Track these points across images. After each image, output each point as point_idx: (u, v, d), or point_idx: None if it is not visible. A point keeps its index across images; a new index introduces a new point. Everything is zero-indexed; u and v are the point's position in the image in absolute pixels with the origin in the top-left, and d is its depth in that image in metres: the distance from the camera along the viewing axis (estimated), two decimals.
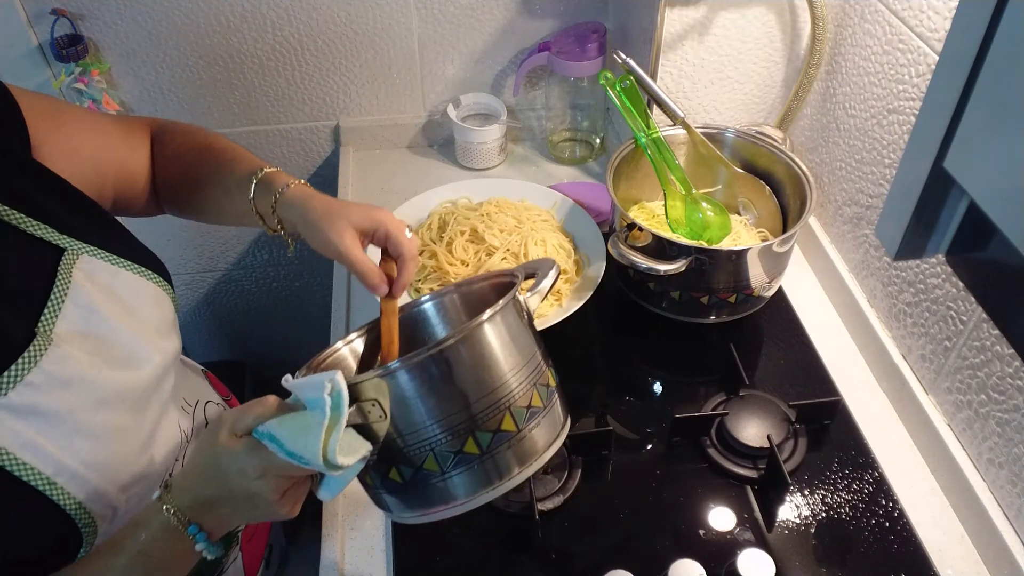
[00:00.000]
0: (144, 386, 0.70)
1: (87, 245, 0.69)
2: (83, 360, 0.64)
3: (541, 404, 0.65)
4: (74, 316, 0.65)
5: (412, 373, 0.60)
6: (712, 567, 0.77)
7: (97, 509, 0.64)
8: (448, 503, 0.63)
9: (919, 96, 0.88)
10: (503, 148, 1.36)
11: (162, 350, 0.72)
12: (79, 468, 0.62)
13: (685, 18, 1.05)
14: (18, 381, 0.60)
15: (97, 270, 0.69)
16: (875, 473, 0.89)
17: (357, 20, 1.28)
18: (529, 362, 0.66)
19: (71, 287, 0.66)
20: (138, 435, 0.69)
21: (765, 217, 1.07)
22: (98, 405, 0.65)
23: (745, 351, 1.00)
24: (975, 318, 0.82)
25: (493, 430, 0.62)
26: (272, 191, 0.76)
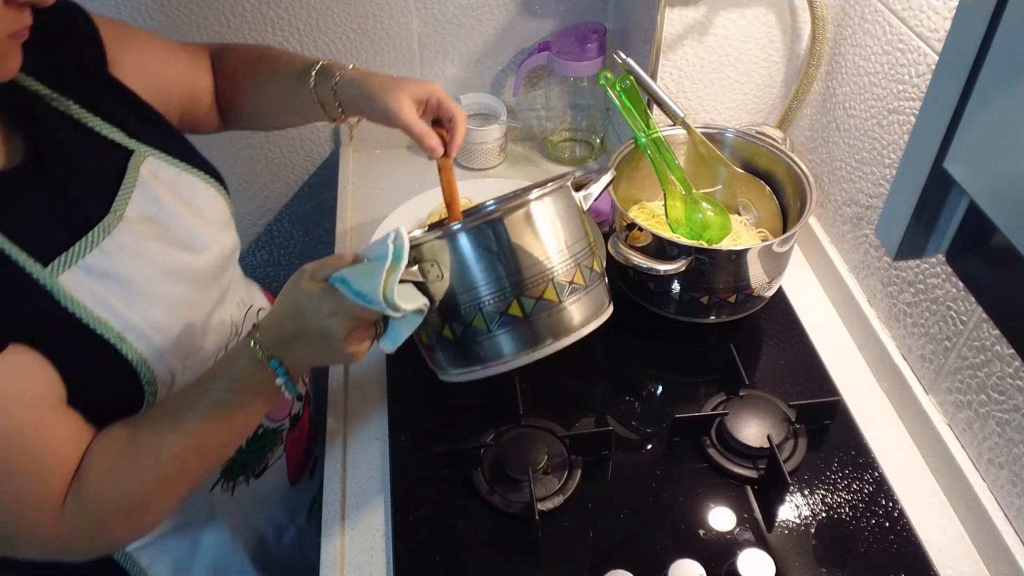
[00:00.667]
0: (205, 268, 0.79)
1: (152, 149, 0.79)
2: (154, 235, 0.75)
3: (583, 283, 0.74)
4: (141, 203, 0.75)
5: (468, 236, 0.70)
6: (712, 567, 0.77)
7: (158, 370, 0.72)
8: (490, 361, 0.73)
9: (919, 96, 0.88)
10: (503, 148, 1.36)
11: (220, 242, 0.82)
12: (145, 328, 0.71)
13: (685, 18, 1.05)
14: (94, 247, 0.69)
15: (161, 170, 0.79)
16: (875, 473, 0.89)
17: (357, 20, 1.28)
18: (575, 243, 0.74)
19: (139, 181, 0.76)
20: (200, 310, 0.79)
21: (765, 217, 1.07)
22: (164, 276, 0.74)
23: (745, 351, 1.00)
24: (975, 318, 0.82)
25: (536, 297, 0.71)
26: (331, 76, 0.85)
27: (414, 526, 0.85)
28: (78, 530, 0.67)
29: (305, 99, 0.87)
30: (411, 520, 0.85)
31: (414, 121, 0.82)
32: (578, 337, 0.73)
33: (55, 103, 0.73)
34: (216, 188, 0.84)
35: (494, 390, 0.98)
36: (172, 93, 0.88)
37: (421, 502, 0.87)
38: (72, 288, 0.66)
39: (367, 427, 0.96)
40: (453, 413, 0.96)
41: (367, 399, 0.99)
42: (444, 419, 0.95)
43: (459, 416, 0.96)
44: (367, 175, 1.37)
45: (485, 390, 0.99)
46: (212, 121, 0.96)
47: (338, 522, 0.86)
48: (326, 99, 0.86)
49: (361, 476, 0.91)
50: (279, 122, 1.00)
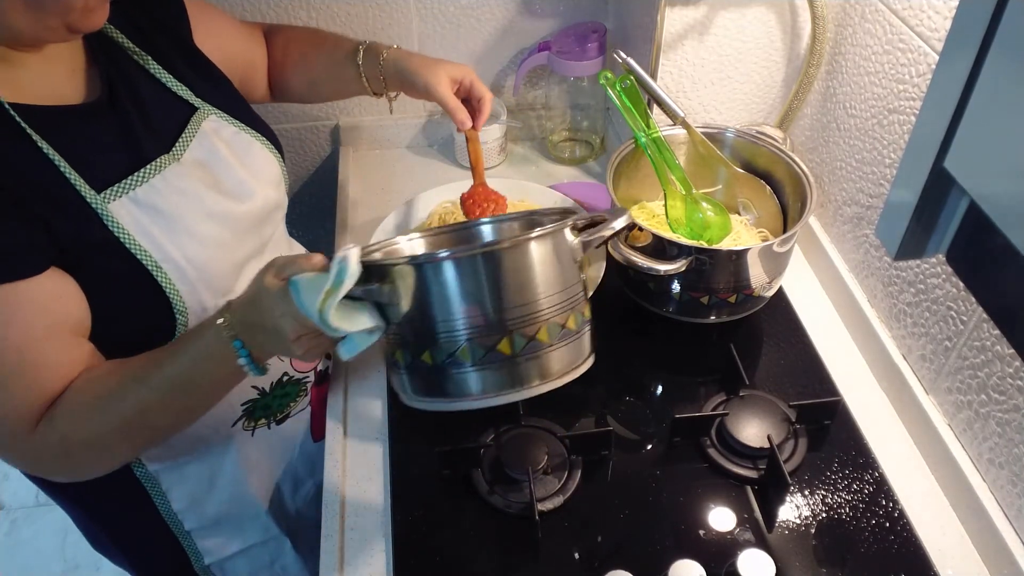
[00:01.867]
0: (245, 215, 0.86)
1: (216, 109, 0.88)
2: (202, 180, 0.82)
3: (575, 328, 0.71)
4: (199, 151, 0.84)
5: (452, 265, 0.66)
6: (712, 567, 0.77)
7: (190, 302, 0.79)
8: (465, 396, 0.69)
9: (919, 96, 0.88)
10: (503, 148, 1.36)
11: (267, 196, 0.89)
12: (182, 262, 0.77)
13: (685, 18, 1.05)
14: (144, 182, 0.77)
15: (222, 127, 0.88)
16: (875, 473, 0.89)
17: (357, 20, 1.28)
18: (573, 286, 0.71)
19: (199, 132, 0.85)
20: (235, 252, 0.85)
21: (765, 217, 1.07)
22: (206, 217, 0.81)
23: (745, 351, 1.00)
24: (975, 318, 0.82)
25: (529, 336, 0.67)
26: (378, 54, 0.98)
27: (414, 526, 0.85)
28: (45, 451, 0.74)
29: (352, 73, 1.00)
30: (411, 520, 0.85)
31: (449, 96, 0.95)
32: (559, 384, 0.70)
33: (136, 56, 0.83)
34: (270, 149, 0.92)
35: None
36: (236, 62, 0.98)
37: (421, 502, 0.87)
38: (120, 216, 0.74)
39: (367, 427, 0.96)
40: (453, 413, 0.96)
41: (367, 399, 0.99)
42: (444, 419, 0.95)
43: (459, 416, 0.95)
44: (367, 175, 1.37)
45: None
46: (262, 90, 1.07)
47: (338, 522, 0.86)
48: (372, 74, 0.99)
49: (361, 476, 0.91)
50: (324, 93, 1.11)
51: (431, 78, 0.94)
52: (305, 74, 1.05)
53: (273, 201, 0.91)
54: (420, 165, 1.39)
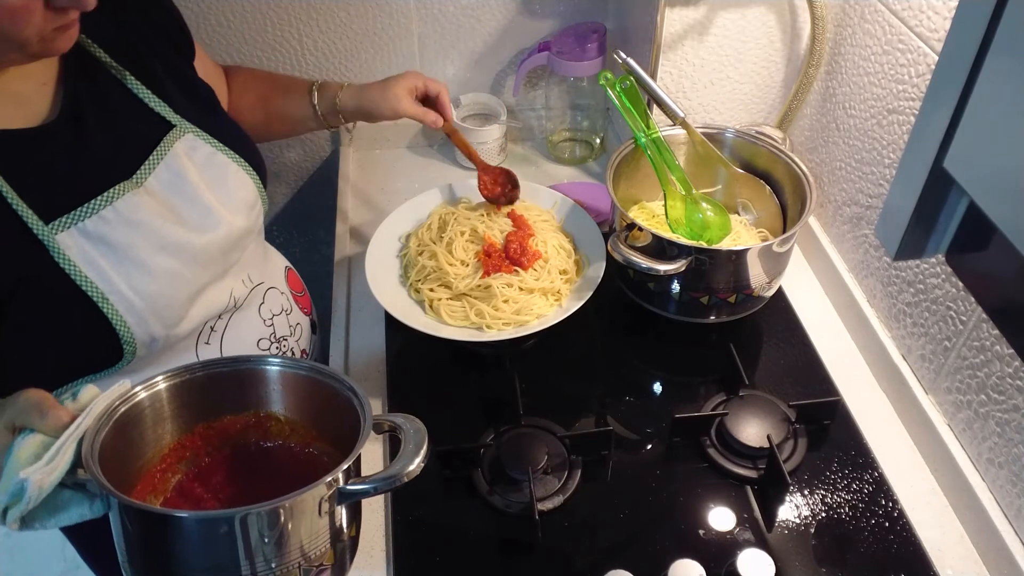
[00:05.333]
0: (203, 247, 0.83)
1: (195, 127, 0.86)
2: (157, 211, 0.79)
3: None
4: (164, 176, 0.81)
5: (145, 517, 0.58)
6: (712, 567, 0.77)
7: (138, 333, 0.77)
8: None
9: (919, 96, 0.88)
10: (503, 148, 1.36)
11: (232, 225, 0.86)
12: (130, 294, 0.76)
13: (685, 18, 1.05)
14: (94, 213, 0.75)
15: (197, 148, 0.85)
16: (875, 473, 0.89)
17: (357, 20, 1.28)
18: (309, 543, 0.60)
19: (169, 154, 0.82)
20: (189, 284, 0.82)
21: (765, 217, 1.07)
22: (159, 249, 0.79)
23: (745, 351, 1.00)
24: (975, 318, 0.82)
25: None
26: (333, 94, 1.03)
27: (414, 526, 0.85)
28: None
29: (308, 112, 1.04)
30: (411, 520, 0.85)
31: (414, 109, 1.01)
32: None
33: (114, 71, 0.81)
34: (248, 172, 0.90)
35: (494, 390, 0.99)
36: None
37: (421, 502, 0.87)
38: (67, 247, 0.73)
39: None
40: (453, 413, 0.96)
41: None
42: (444, 419, 0.95)
43: (459, 416, 0.96)
44: (367, 175, 1.37)
45: (485, 390, 0.99)
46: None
47: None
48: (328, 111, 1.04)
49: None
50: (280, 131, 1.14)
51: (393, 103, 1.00)
52: (262, 114, 1.07)
53: (241, 229, 0.88)
54: (420, 165, 1.39)
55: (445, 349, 1.04)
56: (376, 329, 1.07)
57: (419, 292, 1.03)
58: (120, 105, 0.81)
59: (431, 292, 1.02)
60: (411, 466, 0.60)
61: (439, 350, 1.04)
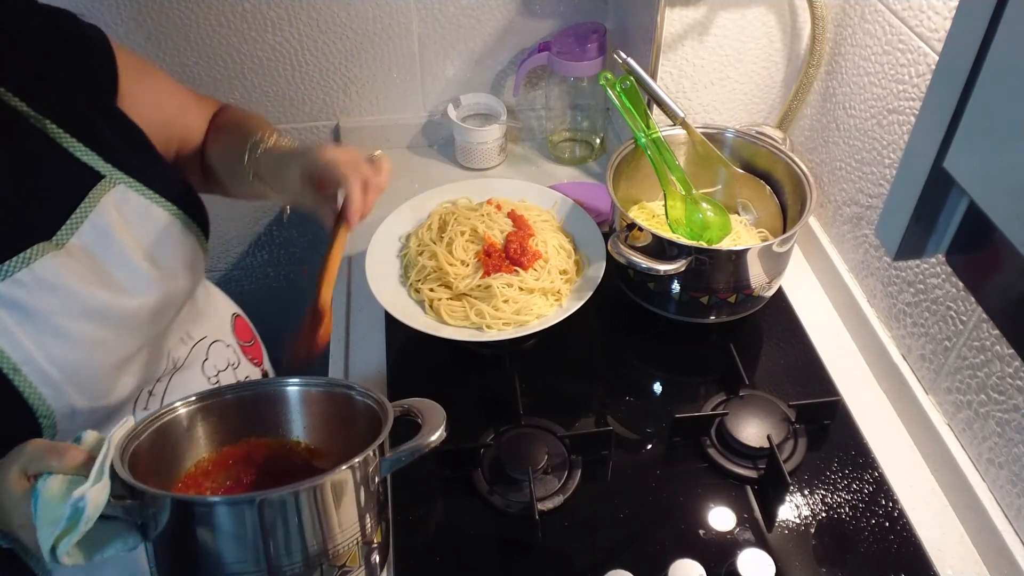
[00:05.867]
0: (132, 312, 0.75)
1: (128, 177, 0.77)
2: (79, 274, 0.72)
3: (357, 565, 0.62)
4: (89, 236, 0.73)
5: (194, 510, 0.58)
6: (712, 567, 0.77)
7: (57, 406, 0.70)
8: None
9: (919, 96, 0.88)
10: (503, 148, 1.36)
11: (167, 287, 0.79)
12: (45, 364, 0.69)
13: (685, 18, 1.05)
14: (9, 276, 0.68)
15: (128, 200, 0.76)
16: (875, 473, 0.89)
17: (357, 20, 1.28)
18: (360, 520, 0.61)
19: (96, 210, 0.74)
20: (115, 353, 0.75)
21: (765, 217, 1.07)
22: (80, 315, 0.71)
23: (745, 351, 1.00)
24: (975, 318, 0.82)
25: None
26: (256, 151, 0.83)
27: (414, 526, 0.85)
28: None
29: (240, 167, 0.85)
30: (411, 520, 0.85)
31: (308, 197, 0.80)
32: None
33: (33, 121, 0.73)
34: (188, 226, 0.81)
35: (494, 390, 0.99)
36: (173, 140, 0.89)
37: (421, 502, 0.87)
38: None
39: None
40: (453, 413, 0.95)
41: None
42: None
43: (459, 416, 0.95)
44: None
45: (485, 390, 0.99)
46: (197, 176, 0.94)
47: None
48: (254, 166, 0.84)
49: None
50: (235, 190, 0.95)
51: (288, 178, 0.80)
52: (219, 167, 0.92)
53: (178, 290, 0.80)
54: (420, 165, 1.39)
55: (445, 349, 1.04)
56: (376, 329, 1.07)
57: (419, 292, 1.03)
58: (39, 158, 0.73)
59: (431, 292, 1.02)
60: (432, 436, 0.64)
61: (439, 350, 1.04)
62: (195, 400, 0.70)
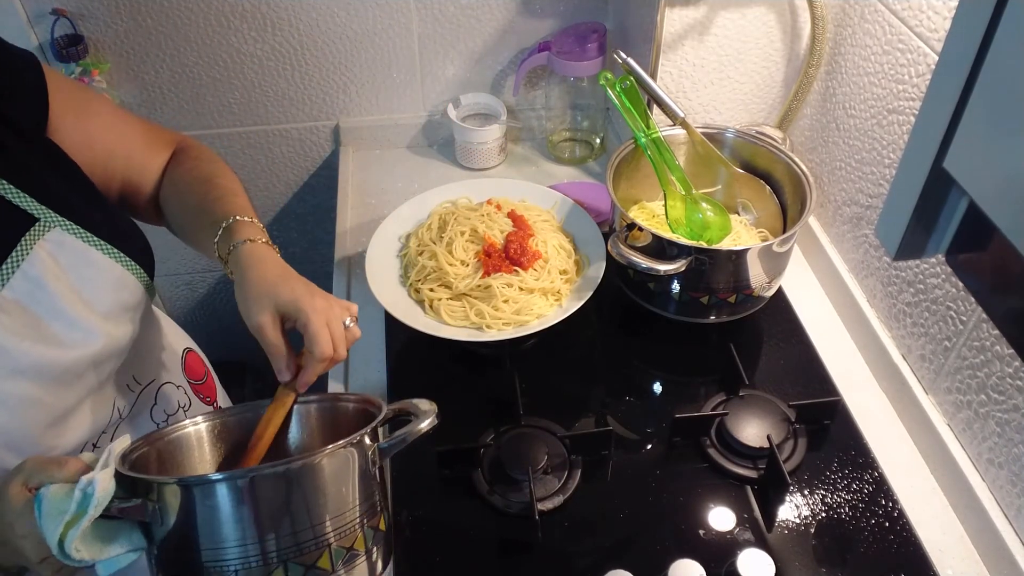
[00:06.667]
0: (70, 365, 0.70)
1: (64, 220, 0.70)
2: (11, 329, 0.66)
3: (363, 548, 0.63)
4: (20, 287, 0.67)
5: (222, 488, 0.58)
6: (712, 567, 0.77)
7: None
8: None
9: (919, 96, 0.88)
10: (503, 148, 1.36)
11: (110, 335, 0.73)
12: None
13: (685, 18, 1.05)
14: None
15: (64, 245, 0.70)
16: (875, 473, 0.89)
17: (357, 20, 1.28)
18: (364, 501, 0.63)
19: (28, 258, 0.68)
20: (50, 410, 0.70)
21: (765, 217, 1.07)
22: (11, 374, 0.66)
23: (745, 351, 1.00)
24: (975, 318, 0.82)
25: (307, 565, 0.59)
26: (230, 242, 0.76)
27: (414, 526, 0.85)
28: None
29: (210, 247, 0.79)
30: (411, 520, 0.85)
31: (267, 336, 0.71)
32: None
33: None
34: (130, 268, 0.75)
35: (494, 390, 0.99)
36: (115, 176, 0.82)
37: (421, 502, 0.87)
38: None
39: None
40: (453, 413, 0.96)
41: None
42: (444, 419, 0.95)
43: (459, 416, 0.95)
44: (367, 175, 1.37)
45: (485, 390, 0.99)
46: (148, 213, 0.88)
47: None
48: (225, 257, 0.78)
49: None
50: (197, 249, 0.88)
51: (252, 305, 0.71)
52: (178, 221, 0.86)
53: (120, 337, 0.75)
54: (420, 165, 1.39)
55: (445, 349, 1.04)
56: (376, 329, 1.07)
57: (419, 292, 1.03)
58: None
59: (431, 292, 1.02)
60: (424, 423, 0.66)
61: (439, 350, 1.04)
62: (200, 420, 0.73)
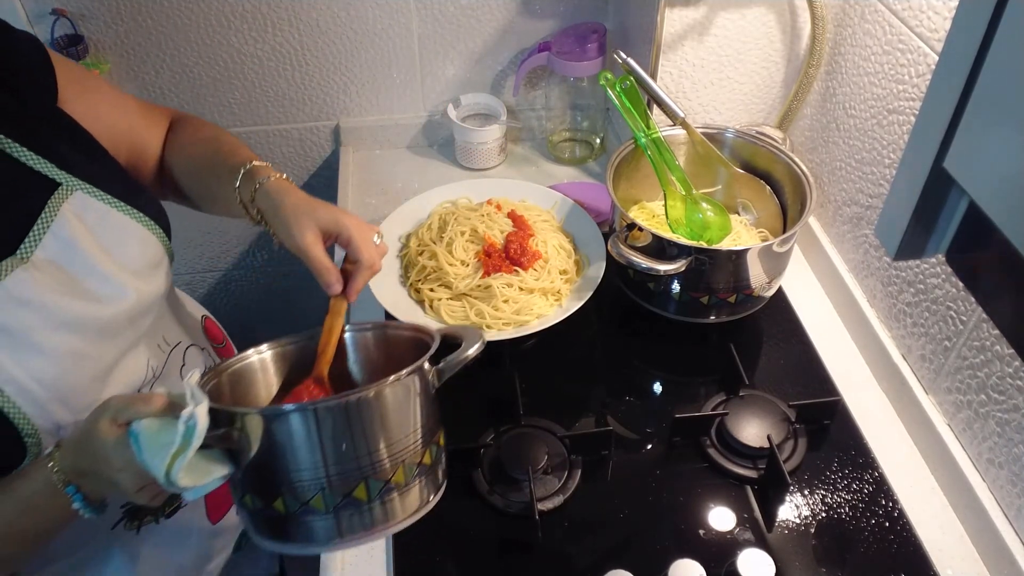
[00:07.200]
0: (109, 320, 0.74)
1: (84, 183, 0.74)
2: (50, 286, 0.70)
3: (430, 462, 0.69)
4: (52, 247, 0.71)
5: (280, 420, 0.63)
6: (712, 567, 0.77)
7: (42, 424, 0.69)
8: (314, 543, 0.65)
9: (919, 96, 0.88)
10: (503, 148, 1.36)
11: (139, 290, 0.76)
12: (28, 382, 0.67)
13: (685, 18, 1.05)
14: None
15: (88, 207, 0.74)
16: (875, 473, 0.89)
17: (357, 20, 1.28)
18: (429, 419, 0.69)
19: (56, 219, 0.71)
20: (96, 363, 0.73)
21: (765, 217, 1.07)
22: (57, 327, 0.69)
23: (745, 351, 1.00)
24: (975, 318, 0.82)
25: (385, 480, 0.65)
26: (253, 181, 0.80)
27: (414, 526, 0.85)
28: None
29: (230, 196, 0.83)
30: None
31: (314, 253, 0.75)
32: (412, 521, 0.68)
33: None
34: (150, 228, 0.79)
35: (494, 390, 0.99)
36: (120, 147, 0.85)
37: None
38: None
39: None
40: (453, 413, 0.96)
41: None
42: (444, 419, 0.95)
43: (459, 416, 0.95)
44: (367, 175, 1.37)
45: (485, 390, 0.99)
46: (152, 185, 0.92)
47: None
48: (247, 201, 0.81)
49: None
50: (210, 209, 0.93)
51: (294, 228, 0.75)
52: (190, 184, 0.90)
53: (152, 294, 0.79)
54: (420, 165, 1.39)
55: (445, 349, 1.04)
56: None
57: (419, 292, 1.03)
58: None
59: (431, 292, 1.02)
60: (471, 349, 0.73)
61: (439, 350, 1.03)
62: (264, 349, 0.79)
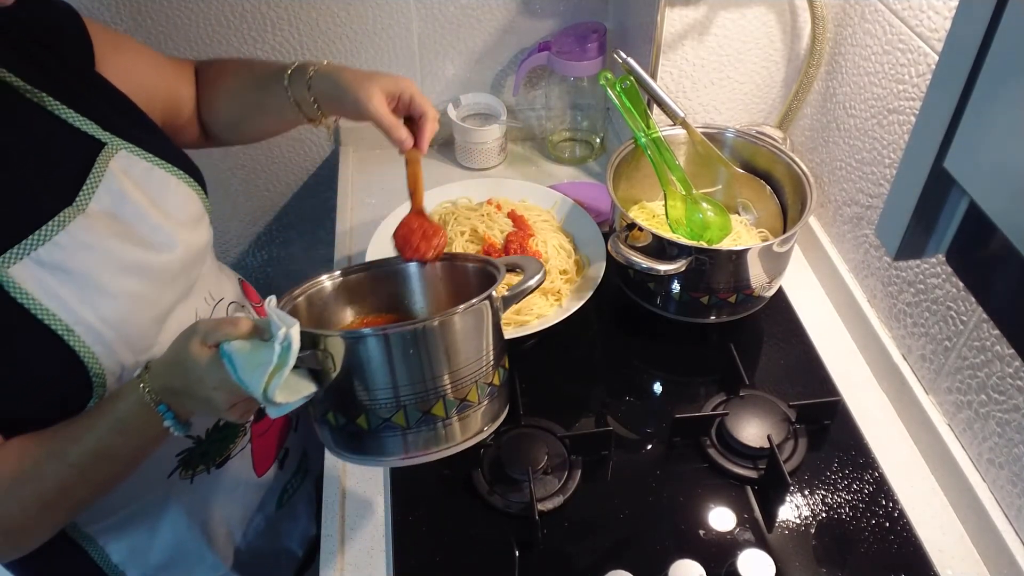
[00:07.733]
0: (165, 266, 0.78)
1: (127, 143, 0.79)
2: (109, 233, 0.74)
3: (499, 383, 0.74)
4: (105, 199, 0.75)
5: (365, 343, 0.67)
6: (712, 567, 0.77)
7: (108, 364, 0.72)
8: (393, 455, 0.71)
9: (919, 96, 0.88)
10: (503, 148, 1.36)
11: (186, 241, 0.81)
12: (95, 322, 0.71)
13: (685, 18, 1.05)
14: (47, 240, 0.69)
15: (133, 165, 0.79)
16: (875, 473, 0.89)
17: (357, 20, 1.28)
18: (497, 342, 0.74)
19: (106, 175, 0.76)
20: (155, 306, 0.78)
21: (765, 217, 1.07)
22: (119, 271, 0.74)
23: (745, 351, 1.00)
24: (975, 318, 0.82)
25: (461, 398, 0.70)
26: (305, 72, 0.87)
27: (414, 526, 0.85)
28: None
29: (281, 98, 0.88)
30: (411, 520, 0.85)
31: (384, 113, 0.83)
32: (485, 436, 0.73)
33: (29, 95, 0.74)
34: (189, 184, 0.84)
35: None
36: (156, 99, 0.89)
37: (421, 502, 0.87)
38: (23, 280, 0.68)
39: None
40: None
41: None
42: None
43: None
44: (367, 175, 1.37)
45: None
46: (193, 132, 0.97)
47: (338, 522, 0.86)
48: (301, 96, 0.88)
49: (361, 476, 0.91)
50: (257, 127, 0.99)
51: (361, 93, 0.82)
52: (232, 107, 0.95)
53: (198, 245, 0.84)
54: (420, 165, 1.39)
55: None
56: None
57: None
58: (45, 130, 0.74)
59: None
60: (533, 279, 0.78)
61: None
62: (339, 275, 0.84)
